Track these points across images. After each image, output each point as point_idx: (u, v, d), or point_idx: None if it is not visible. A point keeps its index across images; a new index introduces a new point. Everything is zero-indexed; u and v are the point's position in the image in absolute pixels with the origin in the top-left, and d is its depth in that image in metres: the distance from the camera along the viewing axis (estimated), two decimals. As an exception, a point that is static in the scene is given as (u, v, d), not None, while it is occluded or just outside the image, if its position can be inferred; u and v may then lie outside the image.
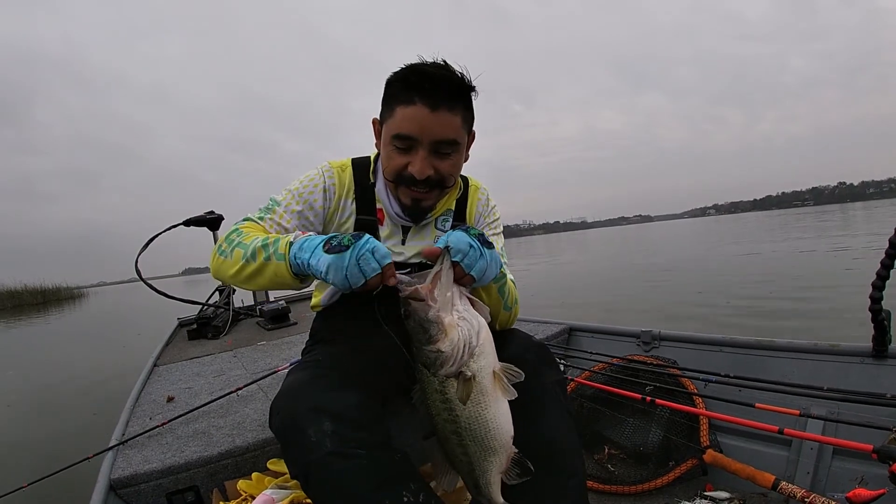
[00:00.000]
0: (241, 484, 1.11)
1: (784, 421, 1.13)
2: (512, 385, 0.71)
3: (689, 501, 1.16)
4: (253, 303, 3.58)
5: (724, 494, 1.18)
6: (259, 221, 0.96)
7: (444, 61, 0.85)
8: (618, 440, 1.45)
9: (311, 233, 0.81)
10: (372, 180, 1.01)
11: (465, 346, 0.67)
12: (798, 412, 1.11)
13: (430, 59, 0.86)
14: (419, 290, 0.68)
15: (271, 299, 3.63)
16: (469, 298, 0.73)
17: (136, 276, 2.83)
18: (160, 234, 3.09)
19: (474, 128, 0.96)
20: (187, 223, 3.11)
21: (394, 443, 0.87)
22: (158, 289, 3.17)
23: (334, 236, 0.73)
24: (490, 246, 0.77)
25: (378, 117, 0.95)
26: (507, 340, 0.92)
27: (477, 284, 0.76)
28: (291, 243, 0.78)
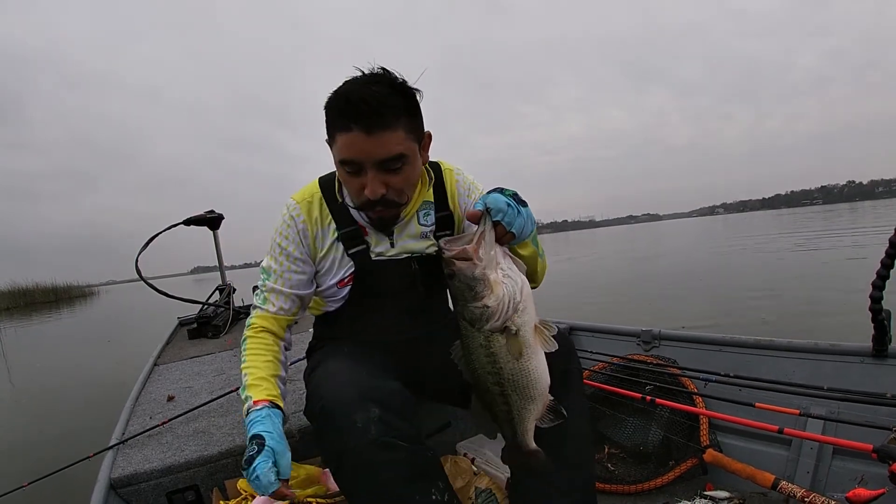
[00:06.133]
0: (242, 483, 1.11)
1: (784, 420, 1.13)
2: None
3: (689, 501, 1.16)
4: (253, 302, 3.57)
5: (723, 494, 1.18)
6: (263, 308, 1.03)
7: (383, 69, 0.84)
8: (618, 439, 1.45)
9: (263, 405, 0.88)
10: (340, 199, 1.01)
11: (510, 301, 0.69)
12: (798, 412, 1.11)
13: (367, 70, 0.83)
14: (466, 250, 0.69)
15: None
16: (510, 256, 0.75)
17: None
18: (160, 233, 3.09)
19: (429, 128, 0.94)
20: (187, 222, 3.11)
21: None
22: (159, 288, 3.17)
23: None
24: (525, 204, 0.78)
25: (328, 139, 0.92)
26: None
27: (515, 242, 0.78)
28: (245, 419, 0.89)
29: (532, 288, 0.96)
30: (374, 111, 0.80)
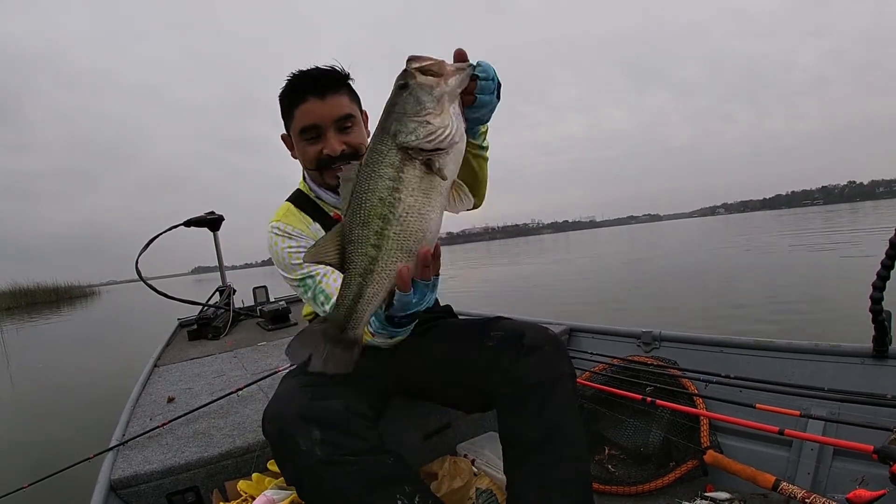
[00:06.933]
0: (242, 484, 1.11)
1: (784, 421, 1.13)
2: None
3: (689, 502, 1.16)
4: (253, 303, 3.58)
5: (724, 495, 1.17)
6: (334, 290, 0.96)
7: (317, 66, 1.02)
8: (618, 441, 1.45)
9: None
10: (312, 195, 1.10)
11: (450, 133, 0.63)
12: (798, 413, 1.11)
13: (306, 68, 1.02)
14: (443, 65, 0.63)
15: (271, 299, 3.62)
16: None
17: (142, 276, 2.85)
18: (161, 234, 3.10)
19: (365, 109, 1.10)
20: (188, 223, 3.12)
21: (391, 445, 0.87)
22: (158, 289, 3.18)
23: None
24: (499, 98, 0.78)
25: (284, 133, 1.09)
26: (524, 331, 0.93)
27: (473, 113, 0.75)
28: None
29: (475, 206, 1.01)
30: (323, 80, 1.00)
